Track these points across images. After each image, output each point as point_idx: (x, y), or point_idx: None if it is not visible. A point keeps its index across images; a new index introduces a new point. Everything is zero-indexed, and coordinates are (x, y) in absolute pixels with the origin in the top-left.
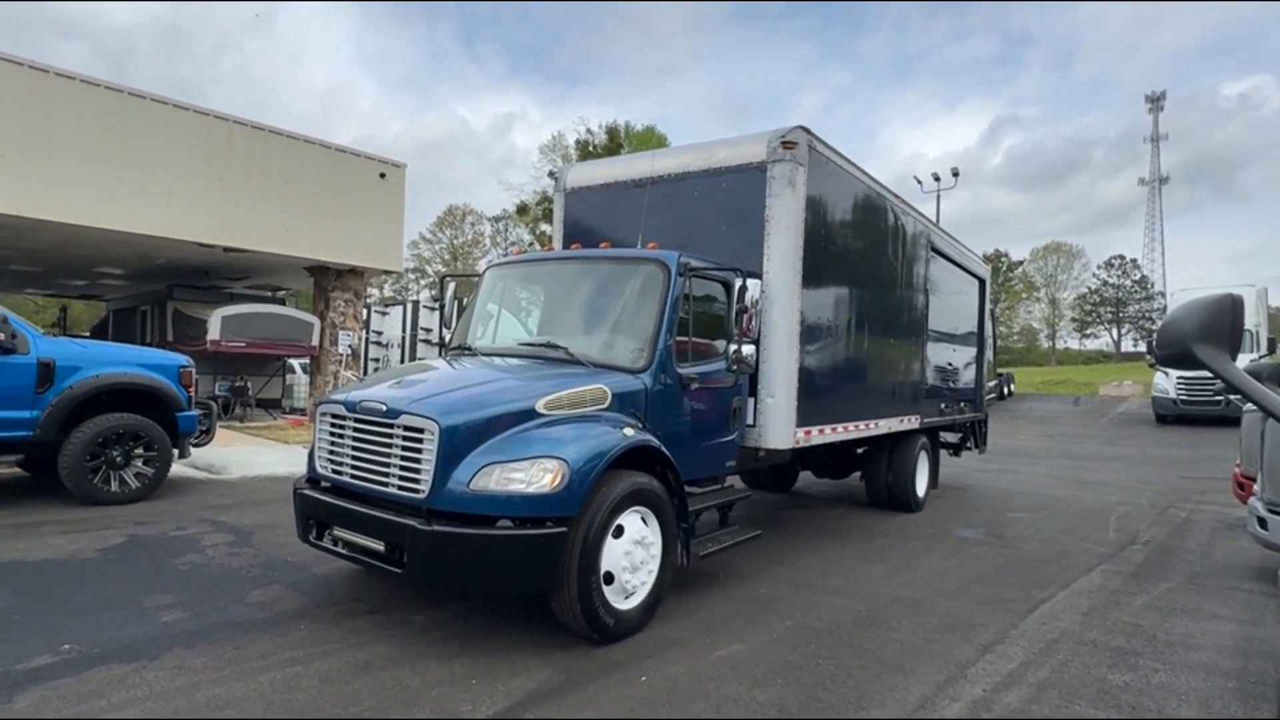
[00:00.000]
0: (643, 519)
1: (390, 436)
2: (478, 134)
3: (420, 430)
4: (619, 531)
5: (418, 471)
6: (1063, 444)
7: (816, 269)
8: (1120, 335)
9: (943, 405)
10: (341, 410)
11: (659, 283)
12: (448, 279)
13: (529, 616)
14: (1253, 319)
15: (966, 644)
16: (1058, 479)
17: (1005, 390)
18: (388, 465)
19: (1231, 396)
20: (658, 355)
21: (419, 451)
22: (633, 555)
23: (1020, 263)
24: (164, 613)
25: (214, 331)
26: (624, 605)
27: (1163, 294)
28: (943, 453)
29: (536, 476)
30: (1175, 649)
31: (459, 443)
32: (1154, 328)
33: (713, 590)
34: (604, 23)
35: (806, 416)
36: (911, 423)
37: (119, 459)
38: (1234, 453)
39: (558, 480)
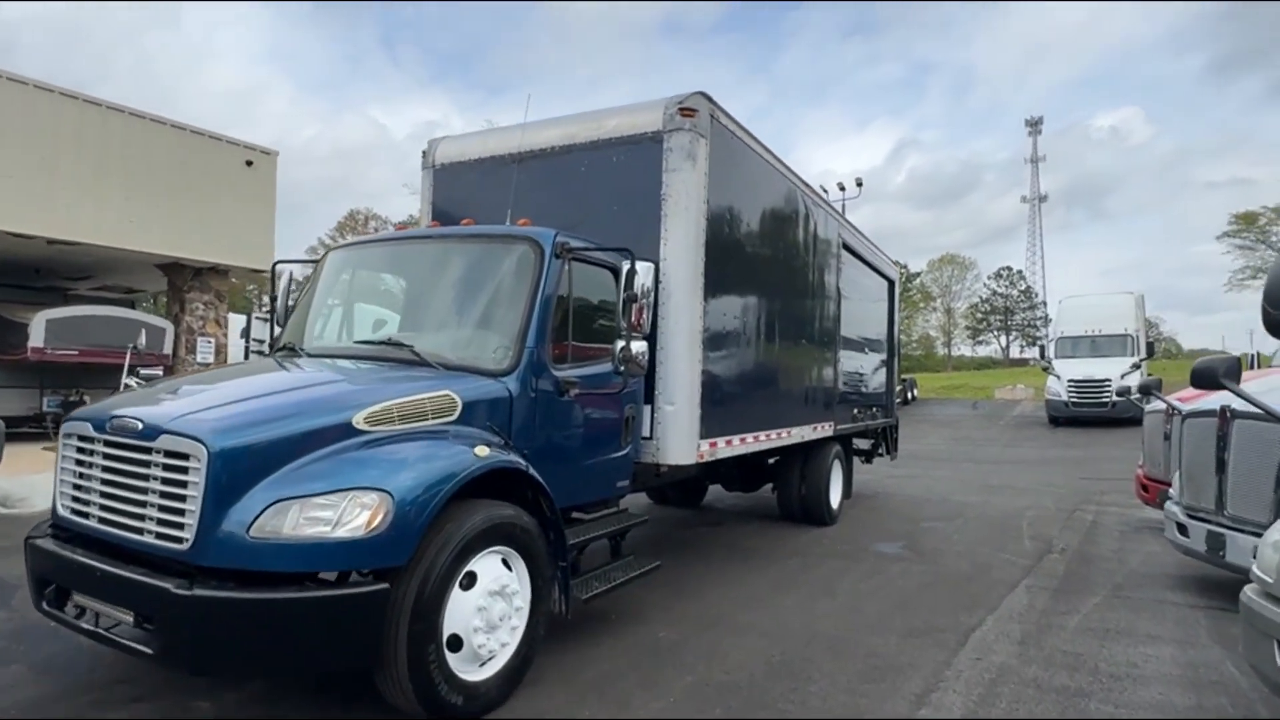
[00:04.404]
0: (504, 561)
1: (147, 465)
2: (397, 142)
3: (185, 455)
4: (470, 581)
5: (180, 513)
6: (966, 447)
7: (721, 257)
8: (1009, 341)
9: (855, 411)
10: (88, 430)
11: (530, 266)
12: (280, 265)
13: (359, 692)
14: (1132, 324)
15: (897, 694)
16: (965, 484)
17: (909, 395)
18: (144, 505)
19: (1117, 399)
20: (526, 354)
21: (183, 485)
22: (489, 611)
23: (918, 274)
24: None
25: (36, 338)
26: (476, 676)
27: (1044, 303)
28: (855, 459)
29: (349, 515)
30: (1122, 683)
31: (238, 472)
32: (1038, 335)
33: (601, 638)
34: (534, 35)
35: (712, 426)
36: (825, 430)
37: None
38: (1123, 453)
39: (378, 519)
